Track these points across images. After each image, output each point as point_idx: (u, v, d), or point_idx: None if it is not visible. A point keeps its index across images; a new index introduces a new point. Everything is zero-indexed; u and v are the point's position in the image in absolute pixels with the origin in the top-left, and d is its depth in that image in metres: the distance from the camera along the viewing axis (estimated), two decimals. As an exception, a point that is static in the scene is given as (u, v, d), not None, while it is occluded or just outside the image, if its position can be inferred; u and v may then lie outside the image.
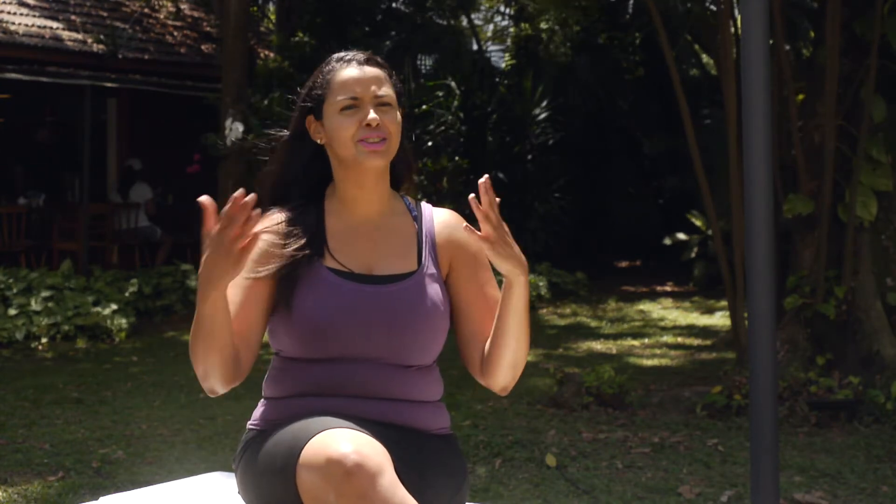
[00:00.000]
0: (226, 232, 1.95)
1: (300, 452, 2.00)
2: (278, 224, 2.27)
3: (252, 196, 1.95)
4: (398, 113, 2.28)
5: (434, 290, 2.27)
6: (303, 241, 2.24)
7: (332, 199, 2.33)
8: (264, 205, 2.32)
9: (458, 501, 2.25)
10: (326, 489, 1.93)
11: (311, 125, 2.31)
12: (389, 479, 1.94)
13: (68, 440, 5.42)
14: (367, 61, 2.29)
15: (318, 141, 2.30)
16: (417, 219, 2.35)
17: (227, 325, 2.09)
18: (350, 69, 2.28)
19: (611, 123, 15.38)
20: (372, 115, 2.22)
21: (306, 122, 2.31)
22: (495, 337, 2.22)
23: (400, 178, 2.39)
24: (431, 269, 2.29)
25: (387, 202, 2.33)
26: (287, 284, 2.22)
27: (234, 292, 2.20)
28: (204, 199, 1.97)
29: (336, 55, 2.33)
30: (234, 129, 10.65)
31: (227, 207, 1.95)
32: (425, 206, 2.39)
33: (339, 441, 1.95)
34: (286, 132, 2.36)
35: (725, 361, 7.36)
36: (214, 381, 2.14)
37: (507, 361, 2.23)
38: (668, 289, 13.54)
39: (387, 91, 2.27)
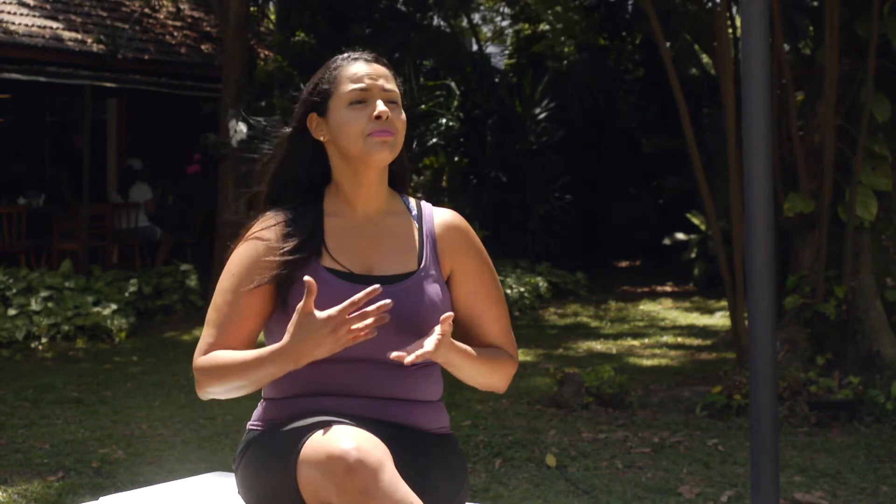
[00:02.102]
0: (347, 322, 2.00)
1: (300, 449, 2.00)
2: (275, 226, 2.26)
3: (377, 287, 2.01)
4: (402, 113, 2.30)
5: (434, 290, 2.26)
6: (300, 243, 2.23)
7: (330, 199, 2.32)
8: (264, 202, 2.34)
9: (458, 501, 2.25)
10: (327, 485, 1.93)
11: (314, 122, 2.30)
12: (390, 475, 1.94)
13: (68, 440, 5.42)
14: (375, 59, 2.32)
15: (321, 138, 2.29)
16: (418, 218, 2.34)
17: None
18: (358, 64, 2.29)
19: (611, 123, 15.36)
20: (382, 107, 2.23)
21: (308, 120, 2.30)
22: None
23: (397, 179, 2.38)
24: (432, 270, 2.29)
25: (385, 202, 2.32)
26: (285, 287, 2.21)
27: (234, 303, 2.21)
28: (307, 279, 2.02)
29: (342, 55, 2.34)
30: (239, 131, 10.64)
31: (360, 297, 2.01)
32: (425, 206, 2.38)
33: (340, 437, 1.96)
34: (288, 128, 2.36)
35: (725, 361, 7.36)
36: (214, 398, 2.23)
37: (478, 384, 2.31)
38: (668, 289, 13.53)
39: (394, 88, 2.29)
